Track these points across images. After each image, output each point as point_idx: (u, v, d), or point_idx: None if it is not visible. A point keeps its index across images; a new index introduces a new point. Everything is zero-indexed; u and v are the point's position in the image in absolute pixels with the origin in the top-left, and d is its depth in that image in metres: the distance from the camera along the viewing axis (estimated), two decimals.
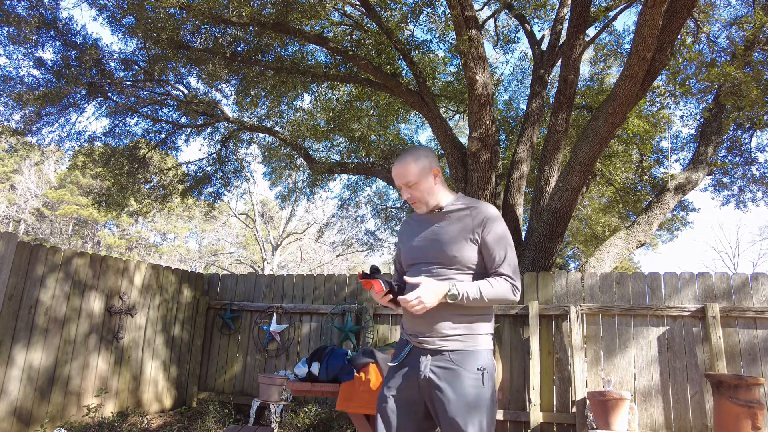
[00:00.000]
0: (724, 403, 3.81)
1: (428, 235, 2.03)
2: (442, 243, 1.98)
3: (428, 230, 2.05)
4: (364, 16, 7.22)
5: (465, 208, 2.02)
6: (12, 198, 24.12)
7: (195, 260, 27.54)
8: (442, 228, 2.01)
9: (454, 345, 1.91)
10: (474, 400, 1.84)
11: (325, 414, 5.29)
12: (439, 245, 1.98)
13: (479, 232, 1.95)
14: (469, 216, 1.99)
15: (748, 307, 4.46)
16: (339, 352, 3.28)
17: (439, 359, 1.90)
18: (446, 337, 1.92)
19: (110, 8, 6.45)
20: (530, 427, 4.67)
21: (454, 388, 1.85)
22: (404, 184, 1.99)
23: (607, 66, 10.22)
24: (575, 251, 15.68)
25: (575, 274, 5.03)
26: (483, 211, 1.98)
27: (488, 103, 5.81)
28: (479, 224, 1.96)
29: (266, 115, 9.35)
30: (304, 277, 6.22)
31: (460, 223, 1.99)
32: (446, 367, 1.88)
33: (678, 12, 4.38)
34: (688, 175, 7.43)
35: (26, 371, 4.32)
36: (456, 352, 1.90)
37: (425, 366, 1.90)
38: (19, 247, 4.30)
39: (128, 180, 8.53)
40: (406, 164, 1.98)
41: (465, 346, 1.91)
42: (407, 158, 2.00)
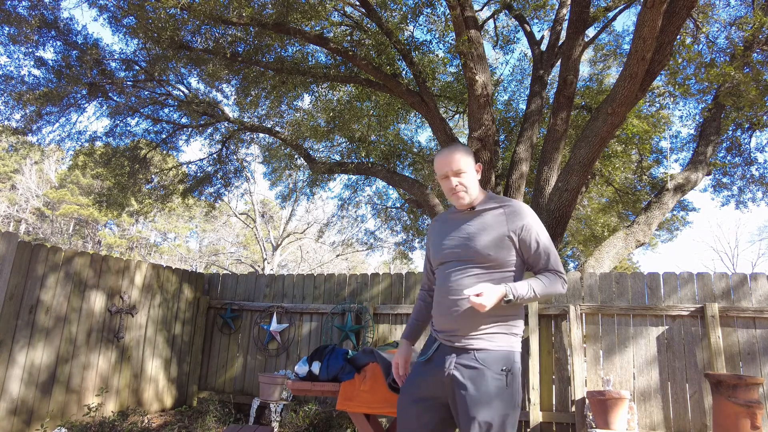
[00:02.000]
0: (723, 403, 3.82)
1: (461, 234, 2.03)
2: (477, 242, 1.97)
3: (460, 229, 2.05)
4: (364, 16, 7.23)
5: (498, 206, 2.03)
6: (13, 198, 24.13)
7: (195, 260, 27.55)
8: (476, 227, 2.01)
9: (480, 344, 1.90)
10: (496, 400, 1.83)
11: (326, 413, 5.30)
12: (473, 244, 1.97)
13: (517, 232, 1.96)
14: (503, 215, 2.00)
15: (747, 307, 4.47)
16: (340, 352, 3.28)
17: (465, 357, 1.90)
18: (474, 336, 1.92)
19: (111, 8, 6.47)
20: (530, 426, 4.68)
21: (477, 386, 1.84)
22: (453, 172, 2.00)
23: (606, 66, 10.23)
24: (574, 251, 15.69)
25: (575, 273, 5.05)
26: (518, 211, 2.00)
27: (488, 103, 5.83)
28: (516, 224, 1.97)
29: (266, 115, 9.35)
30: (304, 276, 6.24)
31: (494, 222, 1.99)
32: (471, 366, 1.88)
33: (677, 12, 4.39)
34: (688, 175, 7.44)
35: (27, 370, 4.33)
36: (482, 351, 1.89)
37: (450, 363, 1.91)
38: (20, 246, 4.31)
39: (129, 180, 8.54)
40: (457, 152, 2.02)
41: (492, 346, 1.90)
42: (456, 147, 2.04)
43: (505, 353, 1.91)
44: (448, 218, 2.15)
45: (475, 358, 1.89)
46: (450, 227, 2.10)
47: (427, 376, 2.00)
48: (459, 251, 2.00)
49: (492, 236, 1.96)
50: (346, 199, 12.28)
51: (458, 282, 1.96)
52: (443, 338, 2.00)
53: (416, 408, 1.98)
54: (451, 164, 2.00)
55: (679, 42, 5.83)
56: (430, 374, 1.99)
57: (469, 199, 2.02)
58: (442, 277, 2.04)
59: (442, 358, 1.96)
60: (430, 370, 1.99)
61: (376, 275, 5.93)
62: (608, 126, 4.99)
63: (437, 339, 2.04)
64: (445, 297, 1.99)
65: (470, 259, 1.97)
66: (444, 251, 2.05)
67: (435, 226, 2.21)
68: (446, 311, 1.97)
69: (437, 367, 1.96)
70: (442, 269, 2.06)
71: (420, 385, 2.00)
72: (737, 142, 8.64)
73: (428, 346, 2.07)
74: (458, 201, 2.03)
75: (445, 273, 2.02)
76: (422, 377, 2.01)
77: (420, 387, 2.00)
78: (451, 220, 2.13)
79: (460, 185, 2.00)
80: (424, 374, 2.01)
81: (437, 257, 2.09)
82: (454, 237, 2.05)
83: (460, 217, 2.08)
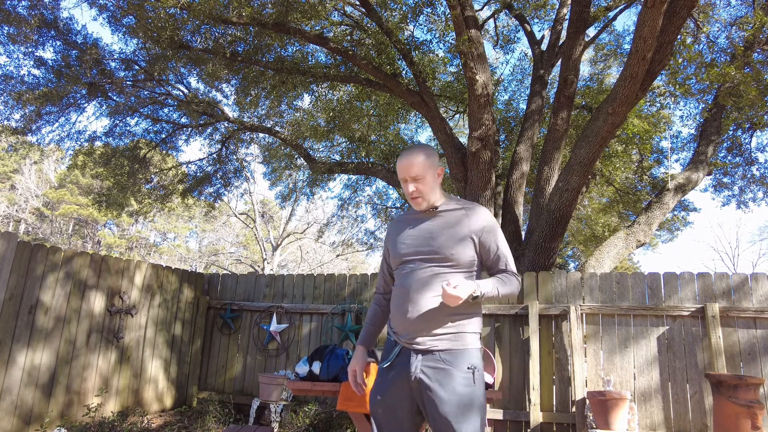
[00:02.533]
0: (723, 403, 3.81)
1: (423, 233, 2.03)
2: (439, 241, 1.98)
3: (422, 228, 2.05)
4: (364, 16, 7.22)
5: (460, 208, 2.06)
6: (12, 198, 24.12)
7: (195, 260, 27.54)
8: (438, 226, 2.02)
9: (444, 344, 1.91)
10: (466, 399, 1.85)
11: (325, 414, 5.29)
12: (436, 243, 1.98)
13: (478, 233, 2.00)
14: (465, 216, 2.02)
15: (748, 307, 4.46)
16: (340, 352, 3.28)
17: (430, 359, 1.90)
18: (437, 336, 1.91)
19: (110, 8, 6.46)
20: (530, 426, 4.68)
21: (445, 387, 1.84)
22: (411, 178, 2.00)
23: (607, 66, 10.23)
24: (575, 251, 15.69)
25: (575, 273, 5.04)
26: (480, 213, 2.04)
27: (488, 103, 5.82)
28: (478, 225, 2.00)
29: (266, 115, 9.35)
30: (304, 276, 6.23)
31: (457, 222, 2.01)
32: (437, 367, 1.88)
33: (678, 12, 4.39)
34: (688, 175, 7.43)
35: (27, 371, 4.32)
36: (446, 352, 1.90)
37: (416, 367, 1.89)
38: (20, 246, 4.30)
39: (128, 180, 8.53)
40: (416, 157, 2.00)
41: (455, 346, 1.91)
42: (418, 152, 2.02)
43: (469, 351, 1.92)
44: (408, 218, 2.13)
45: (441, 359, 1.89)
46: (410, 227, 2.09)
47: (392, 382, 1.96)
48: (422, 249, 1.99)
49: (455, 236, 1.98)
50: (346, 199, 12.28)
51: (421, 280, 1.95)
52: (405, 341, 1.96)
53: (389, 415, 1.96)
54: (409, 170, 1.99)
55: (680, 42, 5.82)
56: (395, 379, 1.96)
57: (426, 204, 2.03)
58: (402, 276, 2.02)
59: (405, 361, 1.94)
60: (395, 376, 1.96)
61: (376, 275, 5.93)
62: (609, 126, 4.98)
63: (398, 342, 2.00)
64: (407, 296, 1.96)
65: (433, 258, 1.97)
66: (406, 250, 2.04)
67: (394, 225, 2.18)
68: (408, 311, 1.94)
69: (402, 372, 1.94)
70: (402, 269, 2.04)
71: (387, 392, 1.97)
72: (738, 141, 8.63)
73: (388, 351, 2.03)
74: (416, 206, 2.05)
75: (406, 272, 2.01)
76: (388, 384, 1.97)
77: (387, 394, 1.96)
78: (411, 219, 2.12)
79: (416, 191, 2.00)
80: (389, 381, 1.97)
81: (397, 256, 2.06)
82: (416, 236, 2.04)
83: (422, 216, 2.08)
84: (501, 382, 4.94)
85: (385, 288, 2.25)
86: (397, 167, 2.05)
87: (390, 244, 2.13)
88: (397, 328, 2.01)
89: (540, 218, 6.15)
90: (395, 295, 2.04)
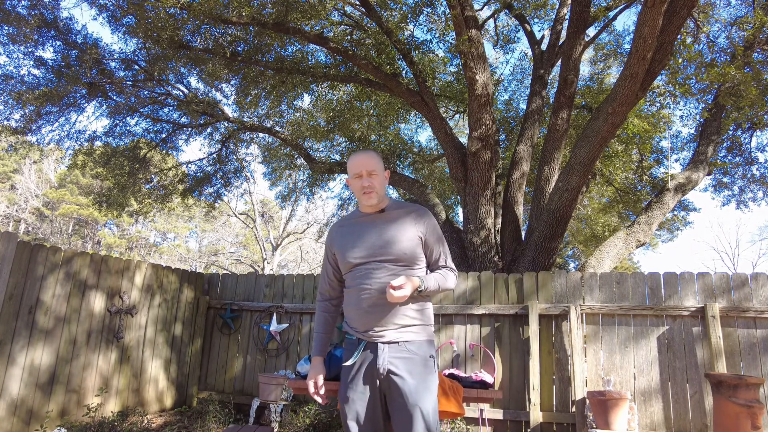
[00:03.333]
0: (723, 403, 3.81)
1: (375, 235, 2.11)
2: (393, 241, 2.07)
3: (373, 230, 2.13)
4: (364, 16, 7.22)
5: (406, 209, 2.18)
6: (12, 198, 24.12)
7: (195, 260, 27.54)
8: (389, 228, 2.11)
9: (408, 336, 2.03)
10: (431, 385, 2.00)
11: (325, 414, 5.29)
12: (390, 243, 2.07)
13: (424, 232, 2.13)
14: (409, 217, 2.14)
15: (748, 307, 4.46)
16: (340, 352, 3.27)
17: (396, 349, 2.00)
18: (401, 328, 2.02)
19: (110, 8, 6.46)
20: (530, 426, 4.68)
21: (414, 375, 1.97)
22: (368, 172, 2.11)
23: (607, 66, 10.23)
24: (575, 251, 15.68)
25: (575, 273, 5.04)
26: (423, 213, 2.18)
27: (488, 102, 5.82)
28: (423, 225, 2.14)
29: (266, 115, 9.35)
30: (304, 276, 6.23)
31: (405, 223, 2.12)
32: (404, 357, 2.00)
33: (678, 12, 4.39)
34: (688, 175, 7.43)
35: (27, 371, 4.32)
36: (411, 342, 2.03)
37: (384, 358, 1.98)
38: (20, 246, 4.30)
39: (128, 180, 8.53)
40: (370, 154, 2.15)
41: (418, 337, 2.05)
42: (370, 151, 2.18)
43: (428, 341, 2.08)
44: (352, 222, 2.20)
45: (407, 348, 2.01)
46: (360, 230, 2.15)
47: (361, 377, 2.03)
48: (375, 251, 2.07)
49: (407, 236, 2.08)
50: (346, 199, 12.28)
51: (381, 279, 2.02)
52: (369, 337, 2.04)
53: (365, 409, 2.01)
54: (366, 164, 2.11)
55: (680, 42, 5.82)
56: (364, 374, 2.03)
57: (377, 199, 2.12)
58: (358, 278, 2.07)
59: (372, 355, 2.02)
60: (363, 371, 2.03)
61: None
62: (609, 126, 4.98)
63: (362, 339, 2.07)
64: (367, 295, 2.03)
65: (388, 258, 2.05)
66: (359, 253, 2.09)
67: (339, 231, 2.22)
68: (370, 308, 2.02)
69: (369, 365, 2.02)
70: (357, 271, 2.09)
71: (358, 388, 2.03)
72: (738, 141, 8.63)
73: (351, 350, 2.09)
74: (368, 200, 2.11)
75: (362, 274, 2.06)
76: (357, 380, 2.04)
77: (360, 390, 2.02)
78: (358, 223, 2.18)
79: (370, 185, 2.10)
80: (358, 377, 2.04)
81: (350, 259, 2.11)
82: (369, 238, 2.10)
83: (369, 219, 2.16)
84: (501, 382, 4.94)
85: (330, 293, 2.30)
86: (351, 164, 2.14)
87: (337, 248, 2.18)
88: (359, 325, 2.08)
89: (540, 218, 6.14)
90: (353, 296, 2.10)
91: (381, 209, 2.16)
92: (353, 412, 2.01)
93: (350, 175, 2.16)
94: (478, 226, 6.31)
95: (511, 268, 6.37)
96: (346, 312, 2.16)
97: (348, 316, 2.15)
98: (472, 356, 5.05)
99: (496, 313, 5.09)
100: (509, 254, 6.59)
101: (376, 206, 2.15)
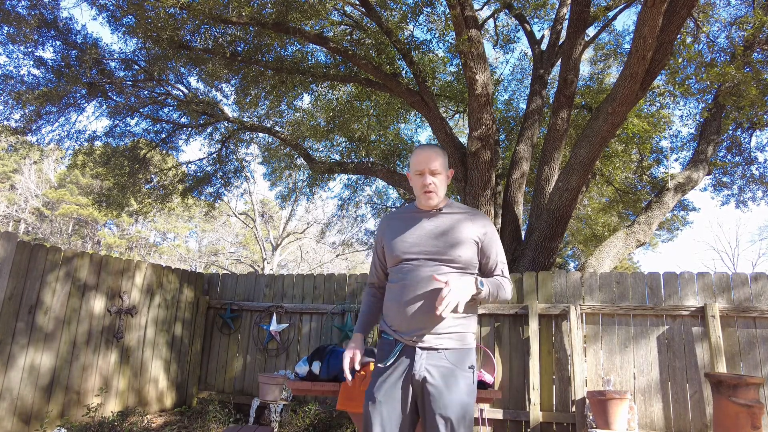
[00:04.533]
0: (723, 403, 3.82)
1: (427, 232, 2.03)
2: (447, 241, 1.99)
3: (426, 227, 2.05)
4: (364, 15, 7.22)
5: (462, 212, 2.10)
6: (12, 198, 24.12)
7: (195, 260, 27.54)
8: (444, 227, 2.03)
9: (449, 343, 1.93)
10: (468, 399, 1.89)
11: (325, 414, 5.29)
12: (443, 243, 1.99)
13: (481, 237, 2.04)
14: (468, 220, 2.06)
15: (748, 307, 4.46)
16: (340, 351, 3.27)
17: (434, 357, 1.90)
18: (442, 334, 1.92)
19: (110, 8, 6.45)
20: (530, 426, 4.68)
21: (450, 387, 1.86)
22: (431, 170, 2.03)
23: (606, 66, 10.23)
24: (575, 251, 15.68)
25: (575, 273, 5.04)
26: (483, 219, 2.10)
27: (488, 102, 5.82)
28: (481, 229, 2.05)
29: (266, 114, 9.35)
30: (304, 276, 6.23)
31: (461, 224, 2.04)
32: (442, 366, 1.89)
33: (678, 12, 4.39)
34: (688, 175, 7.43)
35: (27, 371, 4.32)
36: (451, 351, 1.92)
37: (420, 365, 1.89)
38: (19, 246, 4.30)
39: (128, 180, 8.53)
40: (437, 152, 2.06)
41: (458, 345, 1.94)
42: (438, 149, 2.07)
43: (469, 351, 1.97)
44: (405, 216, 2.13)
45: (446, 357, 1.91)
46: (411, 224, 2.08)
47: (393, 381, 1.94)
48: (426, 249, 1.99)
49: (460, 237, 2.00)
50: (346, 199, 12.28)
51: (426, 278, 1.94)
52: (408, 339, 1.95)
53: (391, 414, 1.92)
54: (430, 162, 2.03)
55: (680, 41, 5.82)
56: (397, 378, 1.94)
57: (437, 200, 2.06)
58: (404, 273, 1.99)
59: (408, 359, 1.93)
60: (397, 375, 1.94)
61: None
62: (609, 125, 4.98)
63: (399, 341, 1.97)
64: (410, 293, 1.94)
65: (438, 258, 1.97)
66: (409, 248, 2.02)
67: (389, 223, 2.15)
68: (412, 308, 1.93)
69: (404, 370, 1.93)
70: (402, 266, 2.01)
71: (389, 391, 1.93)
72: (737, 141, 8.64)
73: (388, 351, 2.00)
74: (427, 201, 2.05)
75: (408, 269, 1.98)
76: (389, 384, 1.94)
77: (389, 393, 1.93)
78: (409, 218, 2.11)
79: (432, 185, 2.03)
80: (390, 380, 1.95)
81: (397, 254, 2.03)
82: (420, 234, 2.03)
83: (421, 215, 2.09)
84: (501, 381, 4.94)
85: (378, 282, 2.24)
86: (416, 159, 2.06)
87: (386, 241, 2.11)
88: (398, 326, 1.98)
89: (540, 218, 6.15)
90: (395, 292, 2.01)
91: (439, 208, 2.09)
92: (379, 414, 1.91)
93: (412, 169, 2.08)
94: None
95: (511, 267, 6.37)
96: (386, 309, 2.06)
97: (387, 314, 2.06)
98: None
99: (495, 313, 5.10)
100: (509, 254, 6.59)
101: (434, 207, 2.08)
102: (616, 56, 9.65)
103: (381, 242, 2.16)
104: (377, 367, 2.02)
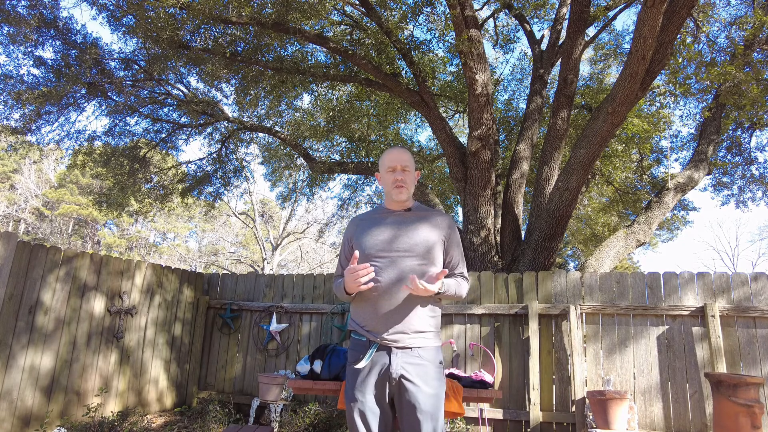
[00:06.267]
0: (723, 403, 3.82)
1: (401, 230, 2.12)
2: (419, 238, 2.09)
3: (399, 225, 2.14)
4: (364, 15, 7.22)
5: (429, 213, 2.22)
6: (12, 197, 24.11)
7: (195, 260, 27.53)
8: (414, 225, 2.13)
9: (420, 342, 2.03)
10: (441, 393, 2.04)
11: (325, 413, 5.29)
12: (416, 240, 2.09)
13: (446, 236, 2.16)
14: (435, 220, 2.18)
15: (748, 307, 4.46)
16: (341, 351, 3.28)
17: (409, 355, 2.01)
18: (416, 334, 2.03)
19: (110, 8, 6.45)
20: (530, 426, 4.68)
21: (426, 382, 1.99)
22: (402, 166, 2.17)
23: (606, 65, 10.23)
24: (575, 251, 15.68)
25: (575, 273, 5.04)
26: (447, 219, 2.22)
27: (488, 102, 5.82)
28: (447, 229, 2.18)
29: (266, 114, 9.35)
30: (304, 276, 6.23)
31: (430, 224, 2.15)
32: (416, 363, 2.00)
33: (677, 11, 4.39)
34: (688, 175, 7.43)
35: (27, 371, 4.32)
36: (423, 349, 2.04)
37: (397, 364, 1.98)
38: (19, 246, 4.30)
39: (128, 179, 8.53)
40: (406, 152, 2.23)
41: (429, 343, 2.06)
42: (405, 149, 2.25)
43: (437, 348, 2.10)
44: (375, 217, 2.21)
45: (420, 355, 2.02)
46: (381, 224, 2.15)
47: (371, 381, 2.01)
48: (400, 244, 2.07)
49: (430, 236, 2.11)
50: (346, 199, 12.27)
51: (396, 276, 2.02)
52: (383, 340, 2.01)
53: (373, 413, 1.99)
54: (400, 159, 2.18)
55: (680, 41, 5.82)
56: (374, 378, 2.01)
57: (407, 195, 2.17)
58: (374, 271, 2.00)
59: (384, 359, 2.00)
60: (373, 374, 2.01)
61: None
62: (608, 125, 4.98)
63: (373, 341, 2.03)
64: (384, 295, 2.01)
65: (412, 253, 2.06)
66: (383, 244, 2.08)
67: (361, 224, 2.20)
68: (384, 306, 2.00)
69: (380, 370, 2.00)
70: (380, 261, 2.05)
71: (368, 391, 2.01)
72: (737, 141, 8.64)
73: (363, 350, 2.05)
74: (399, 195, 2.15)
75: (379, 267, 2.04)
76: (368, 383, 2.01)
77: (369, 393, 2.00)
78: (380, 218, 2.18)
79: (402, 180, 2.15)
80: (368, 380, 2.01)
81: (373, 249, 2.07)
82: (394, 232, 2.12)
83: (394, 216, 2.18)
84: (501, 381, 4.94)
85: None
86: (387, 157, 2.19)
87: (356, 240, 2.15)
88: (372, 326, 2.04)
89: (540, 218, 6.15)
90: (367, 292, 2.04)
91: (407, 208, 2.21)
92: (360, 412, 2.00)
93: (383, 168, 2.21)
94: (478, 226, 6.31)
95: (510, 267, 6.37)
96: (358, 308, 2.10)
97: (359, 313, 2.10)
98: (472, 356, 5.05)
99: (495, 313, 5.09)
100: (509, 254, 6.59)
101: (404, 203, 2.19)
102: (616, 56, 9.65)
103: (350, 242, 2.21)
104: (352, 368, 2.08)
